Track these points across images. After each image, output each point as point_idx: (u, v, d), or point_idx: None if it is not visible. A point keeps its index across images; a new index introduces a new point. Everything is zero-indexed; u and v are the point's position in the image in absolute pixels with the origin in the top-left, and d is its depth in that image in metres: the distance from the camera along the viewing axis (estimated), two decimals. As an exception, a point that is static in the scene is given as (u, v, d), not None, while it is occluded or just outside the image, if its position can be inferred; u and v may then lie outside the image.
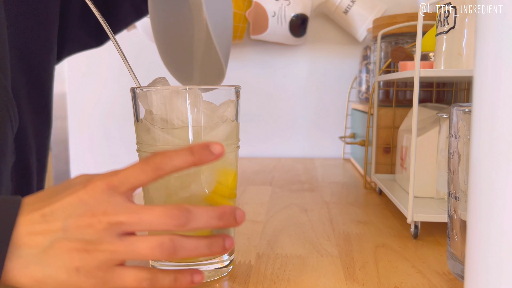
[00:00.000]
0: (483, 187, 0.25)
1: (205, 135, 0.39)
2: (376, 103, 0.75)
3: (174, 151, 0.33)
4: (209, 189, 0.40)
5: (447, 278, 0.42)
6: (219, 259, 0.42)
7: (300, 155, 1.19)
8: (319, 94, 1.18)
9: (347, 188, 0.79)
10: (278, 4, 1.02)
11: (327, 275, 0.42)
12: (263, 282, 0.41)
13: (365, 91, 0.99)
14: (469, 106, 0.39)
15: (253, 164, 1.04)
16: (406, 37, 0.82)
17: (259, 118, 1.19)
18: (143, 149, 0.41)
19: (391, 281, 0.41)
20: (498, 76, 0.24)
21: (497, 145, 0.24)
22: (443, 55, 0.54)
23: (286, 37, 1.06)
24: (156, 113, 0.39)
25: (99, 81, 1.22)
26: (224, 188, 0.41)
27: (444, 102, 0.81)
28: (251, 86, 1.18)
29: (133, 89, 0.40)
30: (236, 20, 1.04)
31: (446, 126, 0.53)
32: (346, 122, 1.13)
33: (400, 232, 0.55)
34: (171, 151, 0.33)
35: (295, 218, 0.60)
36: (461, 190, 0.39)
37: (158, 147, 0.40)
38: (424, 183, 0.60)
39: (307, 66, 1.17)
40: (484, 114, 0.25)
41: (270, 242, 0.51)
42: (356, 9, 1.05)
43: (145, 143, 0.41)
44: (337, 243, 0.51)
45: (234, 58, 1.17)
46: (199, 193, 0.40)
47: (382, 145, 0.78)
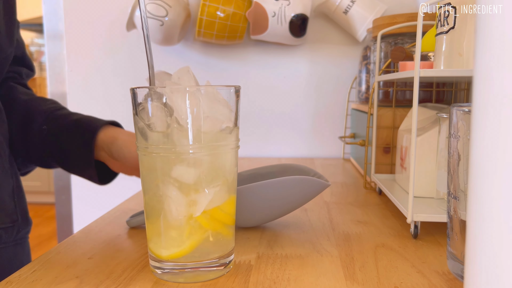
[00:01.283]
0: (483, 187, 0.25)
1: (205, 138, 0.39)
2: (376, 103, 0.75)
3: None
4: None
5: (447, 278, 0.42)
6: (218, 259, 0.42)
7: (300, 155, 1.19)
8: (319, 94, 1.18)
9: (347, 188, 0.79)
10: (278, 4, 1.02)
11: (327, 275, 0.42)
12: (263, 282, 0.41)
13: (365, 91, 0.99)
14: (469, 106, 0.39)
15: (253, 164, 1.04)
16: (406, 37, 0.82)
17: (259, 118, 1.19)
18: (140, 151, 0.41)
19: (391, 281, 0.41)
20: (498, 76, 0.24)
21: (497, 145, 0.24)
22: (443, 55, 0.54)
23: (286, 37, 1.06)
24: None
25: (99, 82, 1.22)
26: (220, 212, 0.41)
27: (444, 102, 0.81)
28: (251, 86, 1.18)
29: (133, 89, 0.40)
30: (236, 20, 1.04)
31: (446, 126, 0.53)
32: (346, 122, 1.13)
33: (400, 232, 0.55)
34: None
35: (295, 218, 0.60)
36: (461, 190, 0.39)
37: (154, 148, 0.40)
38: (424, 183, 0.60)
39: (307, 66, 1.17)
40: (484, 114, 0.25)
41: (270, 242, 0.51)
42: (356, 9, 1.05)
43: (141, 145, 0.41)
44: (337, 243, 0.51)
45: (234, 58, 1.17)
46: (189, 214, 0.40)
47: (382, 145, 0.78)
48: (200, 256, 0.41)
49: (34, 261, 0.45)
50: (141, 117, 0.40)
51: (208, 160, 0.40)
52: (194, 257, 0.41)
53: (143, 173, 0.42)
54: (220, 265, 0.42)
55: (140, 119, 0.40)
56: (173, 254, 0.40)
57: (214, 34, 1.05)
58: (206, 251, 0.41)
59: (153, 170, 0.40)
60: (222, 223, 0.42)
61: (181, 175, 0.39)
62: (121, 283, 0.40)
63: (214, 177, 0.40)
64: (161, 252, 0.41)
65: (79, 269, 0.44)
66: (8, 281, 0.41)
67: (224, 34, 1.05)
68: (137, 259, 0.46)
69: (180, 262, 0.41)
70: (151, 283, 0.40)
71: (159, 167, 0.40)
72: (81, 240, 0.52)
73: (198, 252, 0.41)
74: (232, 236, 0.43)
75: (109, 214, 0.62)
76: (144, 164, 0.41)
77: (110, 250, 0.49)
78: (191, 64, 1.17)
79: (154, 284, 0.40)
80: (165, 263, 0.41)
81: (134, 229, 0.56)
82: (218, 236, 0.41)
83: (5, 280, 0.41)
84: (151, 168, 0.40)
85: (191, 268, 0.41)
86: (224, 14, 1.03)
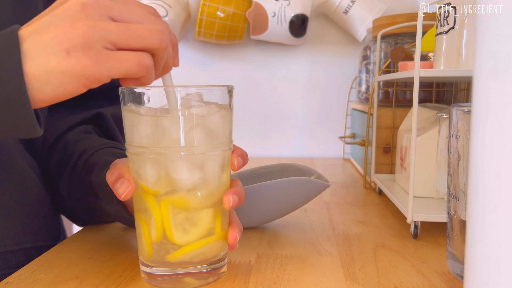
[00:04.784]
0: (483, 187, 0.25)
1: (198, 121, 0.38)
2: (376, 103, 0.75)
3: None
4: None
5: (447, 278, 0.42)
6: (210, 261, 0.41)
7: (300, 155, 1.19)
8: (319, 94, 1.18)
9: (347, 188, 0.79)
10: (278, 4, 1.02)
11: (327, 275, 0.42)
12: (263, 282, 0.41)
13: (365, 91, 0.99)
14: (468, 106, 0.39)
15: (253, 164, 1.04)
16: (406, 37, 0.82)
17: (259, 118, 1.19)
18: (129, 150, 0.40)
19: (390, 281, 0.41)
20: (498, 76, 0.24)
21: (497, 145, 0.24)
22: (442, 55, 0.54)
23: (286, 37, 1.06)
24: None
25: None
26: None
27: (444, 102, 0.81)
28: (251, 86, 1.18)
29: (122, 89, 0.39)
30: (236, 20, 1.04)
31: (445, 126, 0.53)
32: (346, 122, 1.13)
33: (400, 232, 0.55)
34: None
35: (295, 218, 0.60)
36: (461, 190, 0.39)
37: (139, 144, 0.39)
38: (424, 183, 0.60)
39: (307, 66, 1.17)
40: (484, 114, 0.25)
41: (270, 242, 0.51)
42: (356, 9, 1.05)
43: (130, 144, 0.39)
44: (337, 243, 0.51)
45: (234, 58, 1.17)
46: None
47: (382, 145, 0.78)
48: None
49: (34, 261, 0.45)
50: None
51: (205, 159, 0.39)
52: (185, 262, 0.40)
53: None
54: (214, 267, 0.41)
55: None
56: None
57: (214, 34, 1.05)
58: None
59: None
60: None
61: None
62: (121, 283, 0.40)
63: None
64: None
65: (79, 269, 0.43)
66: (8, 281, 0.41)
67: (224, 34, 1.05)
68: (137, 259, 0.46)
69: (174, 267, 0.39)
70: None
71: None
72: (81, 240, 0.52)
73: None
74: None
75: (109, 214, 0.62)
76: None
77: (110, 250, 0.49)
78: (191, 64, 1.17)
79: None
80: (159, 268, 0.40)
81: (134, 229, 0.56)
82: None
83: (5, 280, 0.41)
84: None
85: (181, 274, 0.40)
86: (224, 14, 1.03)
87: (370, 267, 0.44)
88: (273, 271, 0.43)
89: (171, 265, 0.39)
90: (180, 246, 0.39)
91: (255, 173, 0.60)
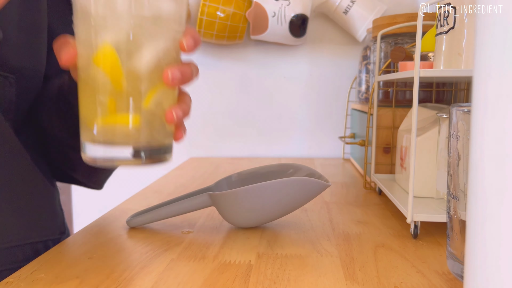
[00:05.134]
0: (482, 187, 0.25)
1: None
2: (376, 103, 0.75)
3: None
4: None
5: (446, 278, 0.42)
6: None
7: (300, 155, 1.19)
8: (319, 94, 1.18)
9: (347, 188, 0.80)
10: (278, 4, 1.02)
11: (327, 275, 0.42)
12: (263, 282, 0.41)
13: (365, 91, 0.99)
14: (468, 106, 0.39)
15: (253, 164, 1.04)
16: (406, 37, 0.82)
17: (259, 118, 1.19)
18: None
19: (391, 281, 0.41)
20: (498, 76, 0.24)
21: (497, 145, 0.24)
22: (442, 55, 0.54)
23: (286, 37, 1.06)
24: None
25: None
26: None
27: (444, 102, 0.81)
28: (251, 86, 1.18)
29: None
30: (236, 20, 1.04)
31: (445, 126, 0.53)
32: (346, 122, 1.13)
33: (400, 232, 0.55)
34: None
35: (295, 218, 0.60)
36: (461, 190, 0.39)
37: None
38: (424, 183, 0.60)
39: (307, 66, 1.17)
40: (483, 114, 0.25)
41: (270, 242, 0.51)
42: (356, 9, 1.05)
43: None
44: (337, 243, 0.51)
45: (234, 58, 1.17)
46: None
47: (382, 145, 0.78)
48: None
49: (34, 261, 0.45)
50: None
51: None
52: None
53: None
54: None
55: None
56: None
57: (214, 34, 1.05)
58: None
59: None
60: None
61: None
62: (121, 283, 0.40)
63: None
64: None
65: (79, 269, 0.44)
66: (8, 281, 0.41)
67: (224, 34, 1.06)
68: (137, 259, 0.46)
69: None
70: (151, 283, 0.41)
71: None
72: (81, 240, 0.52)
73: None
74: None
75: (109, 214, 0.62)
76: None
77: (110, 250, 0.49)
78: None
79: (154, 284, 0.40)
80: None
81: (134, 229, 0.56)
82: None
83: (5, 280, 0.41)
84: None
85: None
86: (224, 14, 1.03)
87: (370, 267, 0.44)
88: (273, 271, 0.43)
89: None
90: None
91: (255, 173, 0.60)
